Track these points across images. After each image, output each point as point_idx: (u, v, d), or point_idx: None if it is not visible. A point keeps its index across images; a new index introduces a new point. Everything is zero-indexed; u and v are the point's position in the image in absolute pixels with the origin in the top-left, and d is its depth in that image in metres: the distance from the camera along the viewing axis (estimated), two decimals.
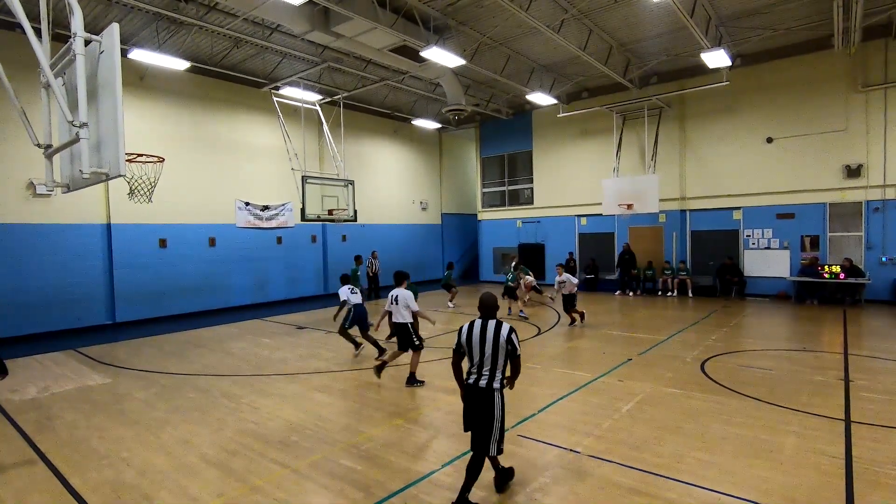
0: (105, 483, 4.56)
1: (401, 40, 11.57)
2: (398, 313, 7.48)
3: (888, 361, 8.06)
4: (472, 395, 3.95)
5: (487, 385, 3.90)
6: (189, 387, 7.57)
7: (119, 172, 4.24)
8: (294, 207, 16.63)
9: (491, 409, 3.86)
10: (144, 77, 13.50)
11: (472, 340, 3.98)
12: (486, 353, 3.92)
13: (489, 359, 3.92)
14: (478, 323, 4.04)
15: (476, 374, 3.96)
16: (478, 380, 3.94)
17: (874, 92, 13.76)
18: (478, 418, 3.88)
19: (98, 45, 4.42)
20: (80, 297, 12.53)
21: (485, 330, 3.95)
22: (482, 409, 3.87)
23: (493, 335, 3.92)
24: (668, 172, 17.09)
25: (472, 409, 3.93)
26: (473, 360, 4.00)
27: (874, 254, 14.00)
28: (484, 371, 3.93)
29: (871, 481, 4.25)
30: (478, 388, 3.92)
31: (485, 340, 3.92)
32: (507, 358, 3.97)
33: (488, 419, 3.85)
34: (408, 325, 7.45)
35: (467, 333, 4.03)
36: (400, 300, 7.46)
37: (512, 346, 3.94)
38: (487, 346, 3.91)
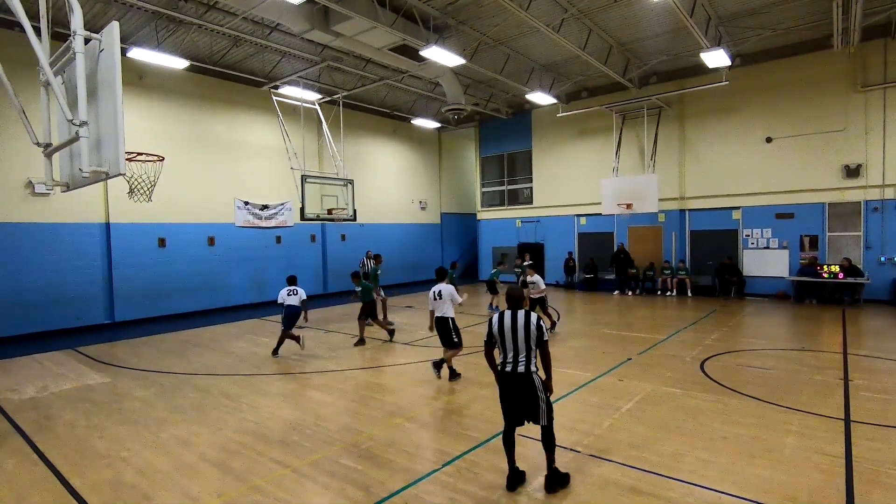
0: (104, 483, 4.55)
1: (400, 39, 11.57)
2: (441, 308, 7.53)
3: (887, 361, 8.07)
4: (512, 382, 4.24)
5: (525, 370, 4.22)
6: (188, 386, 7.56)
7: (119, 171, 4.23)
8: (293, 207, 16.60)
9: (533, 389, 4.21)
10: (144, 76, 13.47)
11: (504, 331, 4.27)
12: (519, 342, 4.22)
13: (522, 346, 4.22)
14: (507, 314, 4.32)
15: (512, 363, 4.25)
16: (515, 367, 4.24)
17: (873, 92, 13.77)
18: (523, 400, 4.23)
19: (98, 44, 4.40)
20: (79, 297, 12.50)
21: (515, 320, 4.25)
22: (525, 392, 4.22)
23: (524, 324, 4.22)
24: (667, 172, 17.10)
25: (515, 394, 4.25)
26: (507, 350, 4.28)
27: (873, 253, 14.02)
28: (520, 358, 4.23)
29: (871, 481, 4.26)
30: (516, 374, 4.23)
31: (516, 330, 4.23)
32: (536, 345, 4.24)
33: (534, 398, 4.21)
34: (449, 320, 7.53)
35: (498, 325, 4.31)
36: (444, 295, 7.52)
37: (539, 332, 4.23)
38: (519, 334, 4.21)
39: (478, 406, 6.38)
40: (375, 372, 8.19)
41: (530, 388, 4.21)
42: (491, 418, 5.91)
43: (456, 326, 7.54)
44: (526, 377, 4.22)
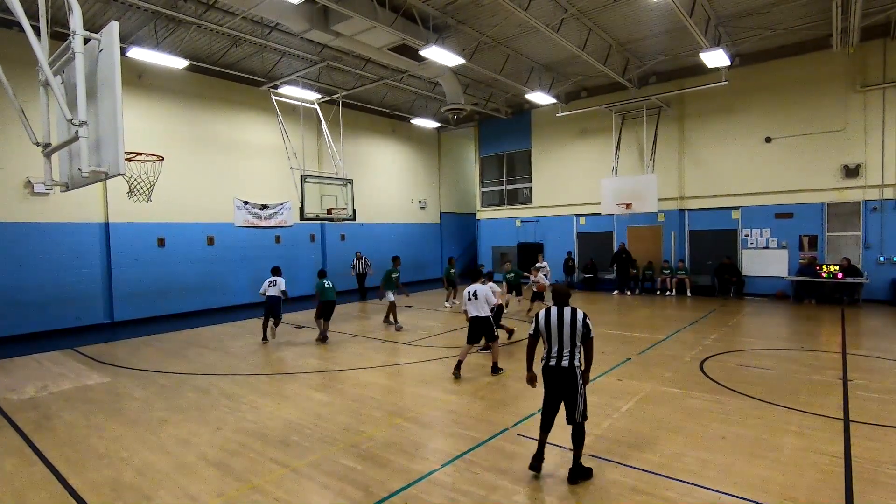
0: (104, 482, 4.55)
1: (400, 39, 11.56)
2: (477, 308, 7.74)
3: (886, 361, 8.08)
4: (556, 375, 4.38)
5: (570, 365, 4.34)
6: (188, 386, 7.56)
7: (118, 171, 4.23)
8: (293, 206, 16.59)
9: (575, 384, 4.35)
10: (143, 76, 13.45)
11: (551, 326, 4.40)
12: (565, 337, 4.35)
13: (568, 341, 4.35)
14: (554, 310, 4.46)
15: (557, 357, 4.37)
16: (559, 361, 4.35)
17: (872, 92, 13.78)
18: (565, 393, 4.36)
19: (97, 44, 4.40)
20: (79, 297, 12.49)
21: (562, 315, 4.39)
22: (567, 386, 4.34)
23: (571, 320, 4.36)
24: (666, 172, 17.11)
25: (557, 387, 4.38)
26: (552, 344, 4.40)
27: (872, 253, 14.03)
28: (564, 353, 4.35)
29: (870, 480, 4.26)
30: (561, 369, 4.35)
31: (562, 325, 4.36)
32: (582, 340, 4.37)
33: (574, 393, 4.34)
34: (489, 318, 7.78)
35: (545, 320, 4.44)
36: (480, 296, 7.74)
37: (587, 329, 4.38)
38: (566, 329, 4.34)
39: (477, 406, 6.38)
40: (375, 372, 8.19)
41: (572, 382, 4.34)
42: (490, 418, 5.92)
43: (497, 320, 7.93)
44: (570, 372, 4.34)
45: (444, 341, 10.36)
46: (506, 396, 6.75)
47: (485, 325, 7.77)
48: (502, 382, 7.36)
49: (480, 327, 7.77)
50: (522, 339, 10.11)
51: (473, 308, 7.75)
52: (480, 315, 7.73)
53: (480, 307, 7.72)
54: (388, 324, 12.16)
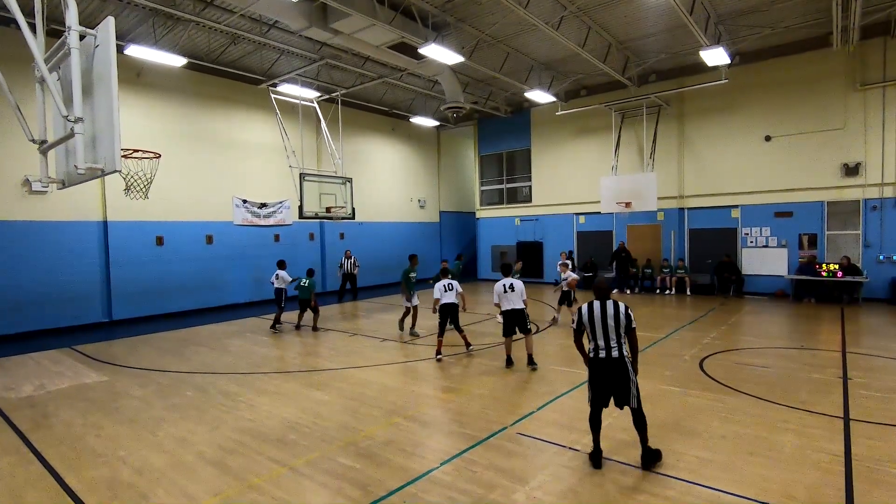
0: (101, 481, 4.53)
1: (399, 37, 11.53)
2: (512, 301, 7.89)
3: (886, 359, 8.06)
4: (607, 366, 4.51)
5: (619, 355, 4.51)
6: (186, 385, 7.53)
7: (115, 168, 4.20)
8: (292, 205, 16.56)
9: (626, 373, 4.50)
10: (141, 73, 13.41)
11: (595, 319, 4.55)
12: (610, 329, 4.50)
13: (613, 333, 4.50)
14: (596, 304, 4.61)
15: (605, 349, 4.52)
16: (609, 352, 4.51)
17: (872, 90, 13.76)
18: (616, 383, 4.49)
19: (93, 40, 4.37)
20: (77, 295, 12.46)
21: (605, 309, 4.55)
22: (619, 376, 4.49)
23: (614, 312, 4.52)
24: (666, 171, 17.09)
25: (609, 378, 4.50)
26: (598, 337, 4.54)
27: (872, 252, 14.02)
28: (612, 344, 4.51)
29: (870, 479, 4.24)
30: (611, 360, 4.50)
31: (606, 318, 4.51)
32: (626, 332, 4.54)
33: (626, 381, 4.48)
34: (523, 310, 7.94)
35: (588, 314, 4.59)
36: (517, 289, 7.92)
37: (629, 320, 4.55)
38: (609, 322, 4.50)
39: (476, 405, 6.36)
40: (374, 370, 8.17)
41: (623, 372, 4.48)
42: (489, 417, 5.90)
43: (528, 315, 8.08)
44: (620, 362, 4.49)
45: (444, 340, 10.32)
46: (504, 395, 6.73)
47: (520, 318, 7.92)
48: (503, 381, 7.33)
49: (516, 320, 7.92)
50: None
51: (508, 301, 7.88)
52: (516, 308, 7.88)
53: (516, 300, 7.88)
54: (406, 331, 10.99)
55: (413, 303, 10.91)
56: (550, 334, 10.79)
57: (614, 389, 4.51)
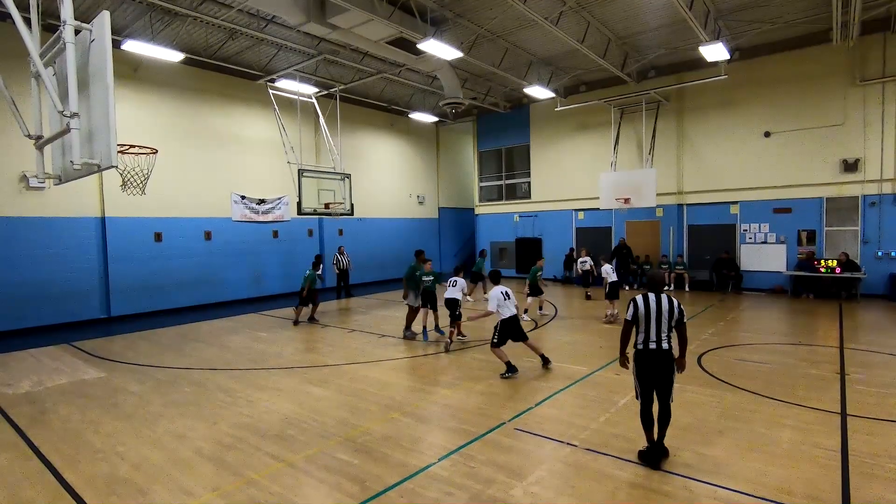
0: (99, 477, 4.53)
1: (397, 32, 11.48)
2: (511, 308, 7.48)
3: (883, 355, 8.08)
4: (656, 358, 4.56)
5: (669, 347, 4.58)
6: (185, 381, 7.53)
7: (111, 164, 4.18)
8: (290, 201, 16.45)
9: (672, 366, 4.60)
10: (138, 69, 13.35)
11: (650, 311, 4.58)
12: (663, 322, 4.57)
13: (665, 326, 4.58)
14: (651, 296, 4.64)
15: (656, 341, 4.56)
16: (659, 344, 4.56)
17: (872, 86, 13.74)
18: (662, 376, 4.55)
19: (88, 34, 4.34)
20: (75, 291, 12.44)
21: (660, 302, 4.59)
22: (667, 367, 4.57)
23: (668, 306, 4.59)
24: (665, 167, 17.07)
25: (657, 369, 4.55)
26: (650, 329, 4.58)
27: (870, 248, 14.03)
28: (662, 337, 4.57)
29: (866, 474, 4.26)
30: (661, 351, 4.56)
31: (661, 311, 4.57)
32: (676, 325, 4.65)
33: (671, 374, 4.58)
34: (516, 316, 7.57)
35: (644, 307, 4.60)
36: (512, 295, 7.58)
37: (681, 315, 4.64)
38: (664, 315, 4.57)
39: (474, 401, 6.37)
40: (373, 366, 8.17)
41: (670, 365, 4.57)
42: (487, 412, 5.91)
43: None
44: (668, 354, 4.57)
45: (442, 336, 10.34)
46: (503, 391, 6.74)
47: (518, 325, 7.55)
48: (499, 377, 7.34)
49: (515, 327, 7.49)
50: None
51: (508, 308, 7.42)
52: (515, 315, 7.48)
53: (513, 307, 7.49)
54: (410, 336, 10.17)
55: (414, 302, 10.08)
56: (548, 330, 10.79)
57: (658, 382, 4.58)
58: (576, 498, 4.00)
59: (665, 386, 4.57)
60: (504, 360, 7.37)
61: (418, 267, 10.06)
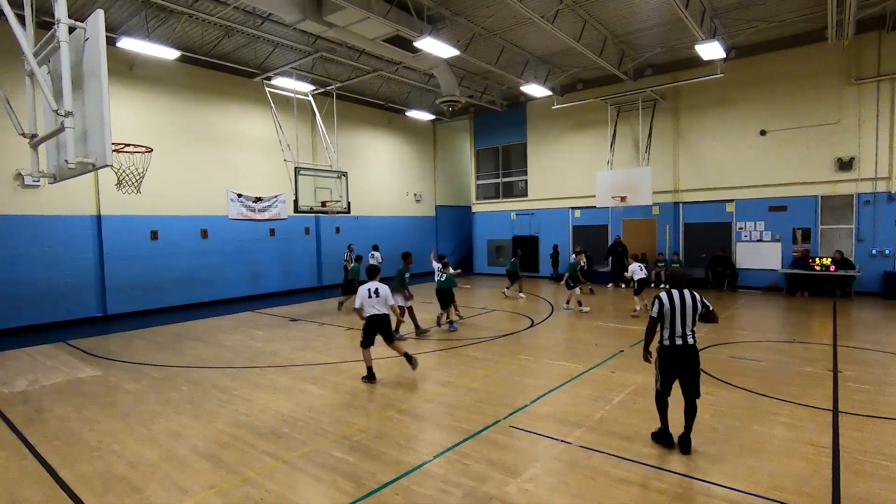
0: (95, 475, 4.54)
1: (394, 30, 11.46)
2: (376, 306, 7.32)
3: (877, 353, 8.14)
4: (683, 353, 4.68)
5: (694, 343, 4.70)
6: (181, 379, 7.54)
7: (105, 162, 4.18)
8: (287, 199, 16.51)
9: (697, 361, 4.72)
10: (134, 66, 13.30)
11: (675, 308, 4.67)
12: (688, 317, 4.67)
13: (690, 321, 4.68)
14: (675, 293, 4.74)
15: (682, 336, 4.67)
16: (685, 339, 4.67)
17: (867, 85, 13.80)
18: (689, 370, 4.67)
19: (83, 33, 4.34)
20: (71, 289, 12.42)
21: (683, 298, 4.70)
22: (693, 362, 4.69)
23: (692, 301, 4.70)
24: (661, 165, 17.12)
25: (682, 364, 4.67)
26: (675, 325, 4.67)
27: (865, 246, 14.11)
28: (688, 332, 4.68)
29: (857, 470, 4.30)
30: (687, 347, 4.68)
31: (685, 306, 4.67)
32: (702, 318, 4.80)
33: (697, 369, 4.70)
34: (387, 316, 7.35)
35: (670, 304, 4.69)
36: (382, 293, 7.35)
37: (705, 307, 4.77)
38: (688, 310, 4.67)
39: (470, 398, 6.40)
40: None
41: (696, 359, 4.70)
42: (482, 410, 5.93)
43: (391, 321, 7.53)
44: (694, 349, 4.68)
45: (438, 334, 10.37)
46: (498, 389, 6.77)
47: (384, 325, 7.33)
48: (497, 375, 7.36)
49: (379, 327, 7.30)
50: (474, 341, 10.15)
51: (372, 307, 7.23)
52: (380, 314, 7.26)
53: (380, 306, 7.27)
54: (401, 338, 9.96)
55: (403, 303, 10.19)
56: (544, 328, 10.83)
57: (684, 376, 4.68)
58: (570, 495, 4.03)
59: (691, 380, 4.67)
60: (366, 364, 7.22)
61: (407, 268, 10.47)
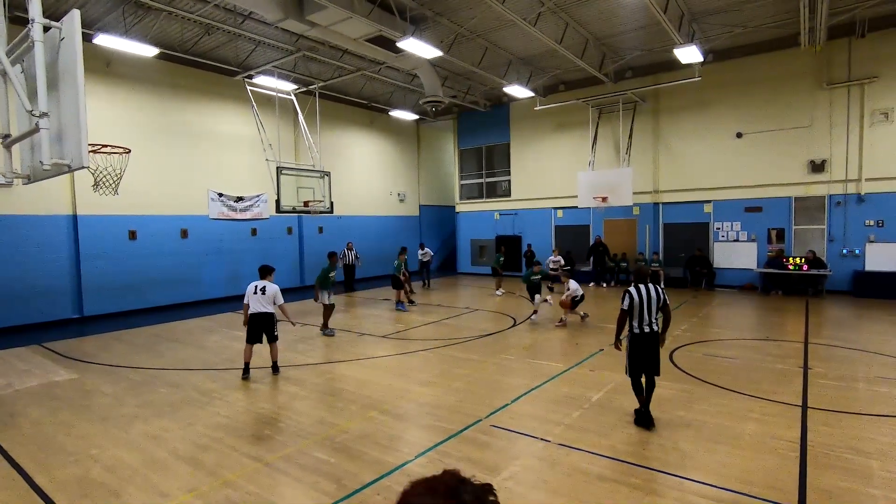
0: (72, 480, 4.49)
1: (377, 30, 11.45)
2: (261, 304, 7.57)
3: (845, 350, 8.43)
4: (648, 339, 5.42)
5: (657, 329, 5.47)
6: (160, 381, 7.46)
7: (82, 164, 4.13)
8: (269, 199, 16.37)
9: (658, 345, 5.47)
10: (111, 63, 13.05)
11: (643, 301, 5.39)
12: (653, 308, 5.42)
13: (654, 311, 5.43)
14: (642, 288, 5.44)
15: (648, 324, 5.41)
16: (651, 327, 5.42)
17: (838, 90, 14.21)
18: (653, 353, 5.43)
19: (58, 32, 4.26)
20: (46, 290, 12.14)
21: (648, 292, 5.43)
22: (655, 347, 5.44)
23: (656, 294, 5.45)
24: (641, 166, 17.39)
25: (648, 349, 5.42)
26: (643, 315, 5.40)
27: (836, 246, 14.55)
28: (652, 320, 5.43)
29: (823, 464, 4.47)
30: (653, 333, 5.43)
31: (650, 299, 5.41)
32: (661, 308, 5.49)
33: (657, 352, 5.48)
34: (272, 315, 7.58)
35: (638, 298, 5.40)
36: (268, 291, 7.56)
37: (665, 299, 5.51)
38: (653, 302, 5.41)
39: (452, 398, 6.46)
40: (351, 365, 8.20)
41: (657, 344, 5.45)
42: (464, 410, 6.00)
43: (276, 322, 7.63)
44: (656, 336, 5.45)
45: (421, 334, 10.42)
46: (480, 388, 6.84)
47: (267, 324, 7.45)
48: (478, 375, 7.44)
49: (262, 325, 7.45)
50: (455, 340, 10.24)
51: (257, 304, 7.41)
52: (264, 312, 7.42)
53: (266, 304, 7.44)
54: (329, 333, 10.45)
55: (326, 300, 10.48)
56: (525, 328, 10.95)
57: (648, 359, 5.41)
58: (547, 492, 4.12)
59: (654, 361, 5.42)
60: (245, 360, 7.49)
61: (332, 268, 10.66)
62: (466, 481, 1.03)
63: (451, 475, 1.05)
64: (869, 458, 4.57)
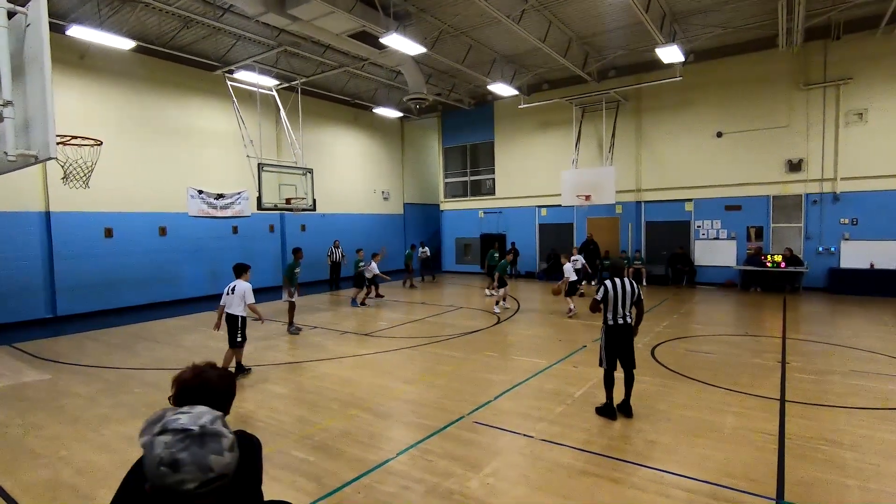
0: (39, 483, 4.33)
1: (360, 26, 11.33)
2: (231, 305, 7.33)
3: (821, 344, 8.59)
4: (623, 331, 5.54)
5: (631, 322, 5.59)
6: (136, 382, 7.27)
7: (49, 155, 3.97)
8: (250, 196, 16.11)
9: (632, 337, 5.61)
10: (85, 56, 12.70)
11: (618, 293, 5.50)
12: (627, 301, 5.53)
13: (628, 304, 5.54)
14: (617, 281, 5.56)
15: (623, 317, 5.53)
16: (625, 319, 5.53)
17: (814, 90, 14.50)
18: (627, 345, 5.56)
19: (24, 18, 4.10)
20: (17, 290, 11.77)
21: (623, 285, 5.54)
22: (629, 339, 5.58)
23: (630, 287, 5.57)
24: (624, 165, 17.54)
25: (623, 341, 5.55)
26: (617, 307, 5.51)
27: (812, 244, 14.86)
28: (627, 313, 5.54)
29: (800, 455, 4.53)
30: (627, 325, 5.55)
31: (625, 292, 5.52)
32: (635, 302, 5.61)
33: (631, 345, 5.61)
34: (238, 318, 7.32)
35: (613, 289, 5.51)
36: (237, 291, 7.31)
37: (638, 293, 5.62)
38: (627, 296, 5.53)
39: (434, 395, 6.41)
40: (334, 363, 8.10)
41: (631, 336, 5.58)
42: (446, 407, 5.96)
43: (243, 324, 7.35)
44: (630, 328, 5.57)
45: (405, 332, 10.35)
46: (462, 385, 6.80)
47: (233, 325, 7.25)
48: (461, 372, 7.40)
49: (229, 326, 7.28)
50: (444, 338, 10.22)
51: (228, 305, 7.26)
52: (232, 314, 7.25)
53: (235, 304, 7.24)
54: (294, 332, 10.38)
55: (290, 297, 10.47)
56: (509, 324, 10.95)
57: (623, 351, 5.53)
58: (529, 487, 4.10)
59: (629, 353, 5.55)
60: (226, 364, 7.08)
61: (297, 264, 10.60)
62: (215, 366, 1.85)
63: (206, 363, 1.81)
64: (844, 449, 4.64)
